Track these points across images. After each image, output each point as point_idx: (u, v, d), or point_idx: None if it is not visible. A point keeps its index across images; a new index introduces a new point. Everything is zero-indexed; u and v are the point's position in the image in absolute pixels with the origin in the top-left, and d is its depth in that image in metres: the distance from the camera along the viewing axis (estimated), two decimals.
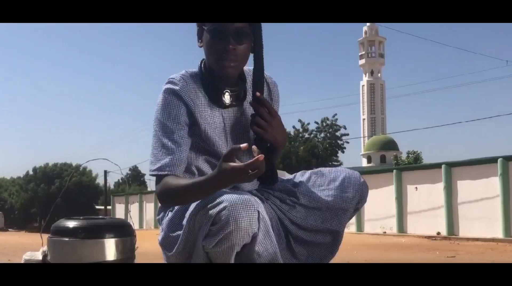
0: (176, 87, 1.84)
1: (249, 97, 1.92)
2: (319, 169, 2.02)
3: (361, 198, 1.95)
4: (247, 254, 1.64)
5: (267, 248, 1.66)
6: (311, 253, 1.94)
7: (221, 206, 1.57)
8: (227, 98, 1.89)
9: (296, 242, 1.92)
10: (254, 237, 1.61)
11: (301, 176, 2.02)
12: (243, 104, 1.93)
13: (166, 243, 1.83)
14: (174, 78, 1.87)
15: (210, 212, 1.60)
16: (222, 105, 1.89)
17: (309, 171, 2.03)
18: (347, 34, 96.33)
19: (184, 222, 1.73)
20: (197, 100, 1.86)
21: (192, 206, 1.71)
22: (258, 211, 1.60)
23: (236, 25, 1.79)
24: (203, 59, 1.92)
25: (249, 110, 1.92)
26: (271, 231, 1.68)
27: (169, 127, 1.81)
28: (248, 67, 1.96)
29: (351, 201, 1.92)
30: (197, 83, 1.88)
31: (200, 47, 1.90)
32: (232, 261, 1.62)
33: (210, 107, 1.88)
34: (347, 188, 1.92)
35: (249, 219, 1.56)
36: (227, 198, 1.58)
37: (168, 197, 1.76)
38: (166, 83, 1.87)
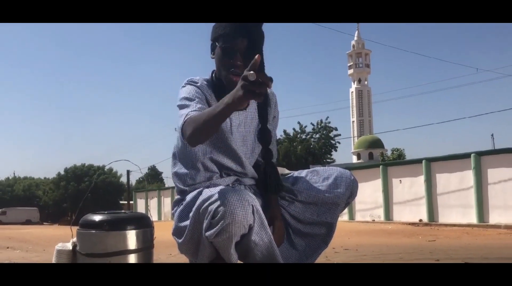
0: (197, 83, 1.87)
1: (253, 104, 1.94)
2: (315, 168, 2.01)
3: (352, 194, 1.93)
4: (245, 243, 1.63)
5: (263, 238, 1.65)
6: (308, 243, 1.93)
7: (220, 201, 1.56)
8: None
9: (294, 234, 1.92)
10: (250, 228, 1.60)
11: (298, 175, 2.01)
12: (247, 109, 1.93)
13: (176, 233, 1.83)
14: (193, 78, 1.91)
15: (210, 207, 1.59)
16: None
17: (306, 170, 2.01)
18: (337, 47, 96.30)
19: (191, 214, 1.72)
20: (211, 98, 1.87)
21: (197, 202, 1.70)
22: (252, 205, 1.58)
23: (245, 43, 1.78)
24: (214, 70, 1.92)
25: (252, 114, 1.94)
26: (266, 223, 1.67)
27: (190, 99, 1.80)
28: None
29: (343, 196, 1.90)
30: (210, 88, 1.89)
31: (212, 58, 1.90)
32: (233, 249, 1.61)
33: None
34: (339, 185, 1.90)
35: (244, 213, 1.55)
36: (225, 195, 1.57)
37: (193, 129, 1.62)
38: (186, 81, 1.90)
